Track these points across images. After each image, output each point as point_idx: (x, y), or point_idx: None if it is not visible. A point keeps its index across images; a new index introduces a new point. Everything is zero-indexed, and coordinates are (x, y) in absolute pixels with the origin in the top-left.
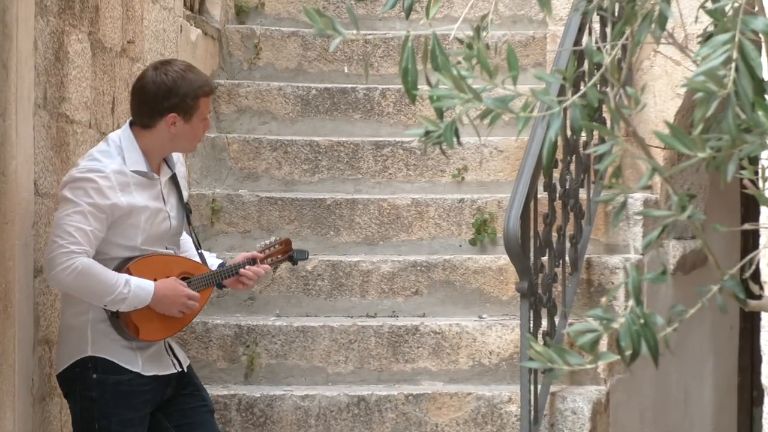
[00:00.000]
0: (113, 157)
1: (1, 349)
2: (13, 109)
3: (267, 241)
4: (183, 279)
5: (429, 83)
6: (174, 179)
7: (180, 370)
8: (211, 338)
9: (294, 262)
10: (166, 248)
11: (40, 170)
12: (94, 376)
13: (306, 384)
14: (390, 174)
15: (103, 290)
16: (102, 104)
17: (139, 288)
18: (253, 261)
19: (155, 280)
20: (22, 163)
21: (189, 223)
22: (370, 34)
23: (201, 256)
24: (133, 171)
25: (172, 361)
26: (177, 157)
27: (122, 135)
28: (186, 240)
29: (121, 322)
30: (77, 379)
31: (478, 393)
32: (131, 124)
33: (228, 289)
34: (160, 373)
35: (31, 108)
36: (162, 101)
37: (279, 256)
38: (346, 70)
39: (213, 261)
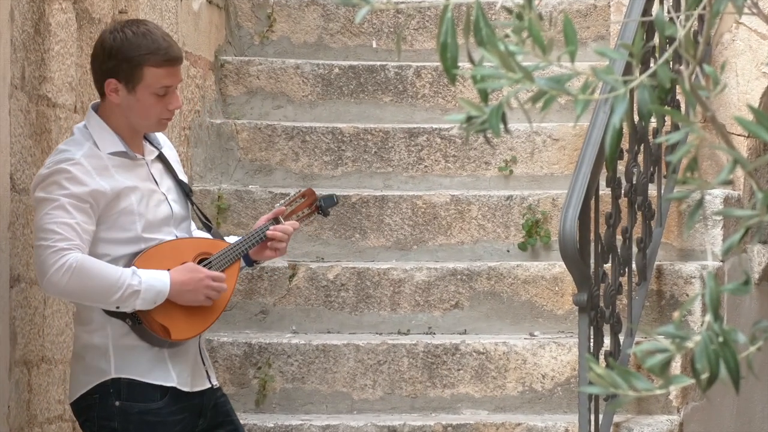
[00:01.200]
0: (80, 143)
1: None
2: None
3: (287, 198)
4: (201, 262)
5: (471, 60)
6: (162, 158)
7: (212, 385)
8: (217, 358)
9: (325, 214)
10: (176, 236)
11: (17, 162)
12: (117, 403)
13: (327, 412)
14: (425, 167)
15: (108, 287)
16: (89, 85)
17: (152, 278)
18: (276, 221)
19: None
20: None
21: (192, 203)
22: (402, 3)
23: (216, 234)
24: (109, 153)
25: (206, 372)
26: (163, 139)
27: (87, 119)
28: (199, 233)
29: (146, 327)
30: (96, 406)
31: (528, 424)
32: (96, 106)
33: (258, 263)
34: (195, 389)
35: (6, 89)
36: (101, 64)
37: (305, 209)
38: (374, 45)
39: (233, 239)
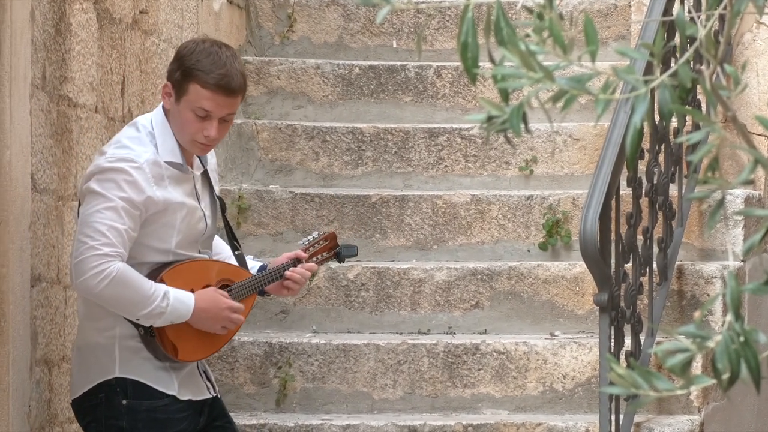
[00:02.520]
0: (145, 144)
1: None
2: (7, 91)
3: (309, 237)
4: (223, 287)
5: (492, 60)
6: (206, 174)
7: (214, 395)
8: (238, 358)
9: (341, 260)
10: (200, 251)
11: (38, 162)
12: (124, 401)
13: (347, 412)
14: (446, 166)
15: (138, 302)
16: (110, 85)
17: (178, 302)
18: (297, 262)
19: (192, 290)
20: (16, 153)
21: (225, 220)
22: (422, 3)
23: (240, 257)
24: (167, 162)
25: (206, 384)
26: None
27: (154, 119)
28: (217, 241)
29: (157, 341)
30: (102, 405)
31: (549, 424)
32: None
33: (270, 296)
34: (195, 398)
35: (27, 89)
36: (170, 64)
37: (324, 253)
38: (394, 45)
39: (251, 263)
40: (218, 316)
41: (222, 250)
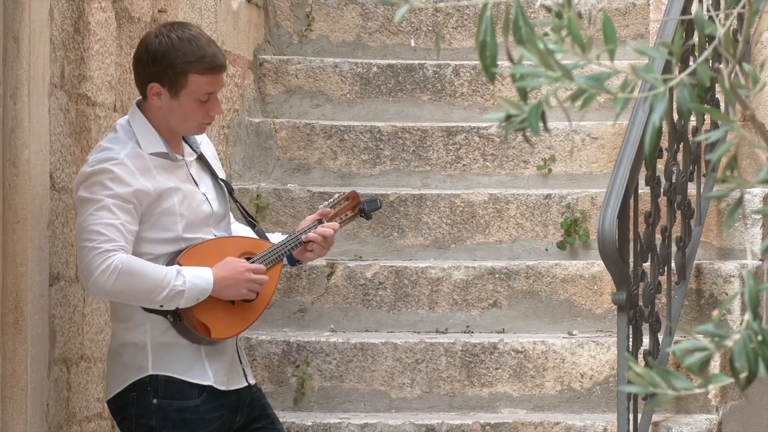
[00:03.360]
0: (124, 142)
1: (11, 370)
2: (26, 90)
3: (330, 200)
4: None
5: (510, 59)
6: (202, 159)
7: (249, 384)
8: (255, 357)
9: (368, 217)
10: (215, 235)
11: (57, 161)
12: (154, 401)
13: (365, 411)
14: (464, 165)
15: (153, 287)
16: (129, 83)
17: (195, 277)
18: (320, 222)
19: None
20: (35, 152)
21: (235, 201)
22: (441, 1)
23: (260, 233)
24: (151, 154)
25: (243, 371)
26: (200, 137)
27: (131, 117)
28: (238, 227)
29: (187, 324)
30: (133, 404)
31: (567, 423)
32: (140, 102)
33: (300, 263)
34: (231, 387)
35: (46, 88)
36: (144, 67)
37: (348, 212)
38: (412, 44)
39: (277, 238)
40: (240, 280)
41: (243, 232)
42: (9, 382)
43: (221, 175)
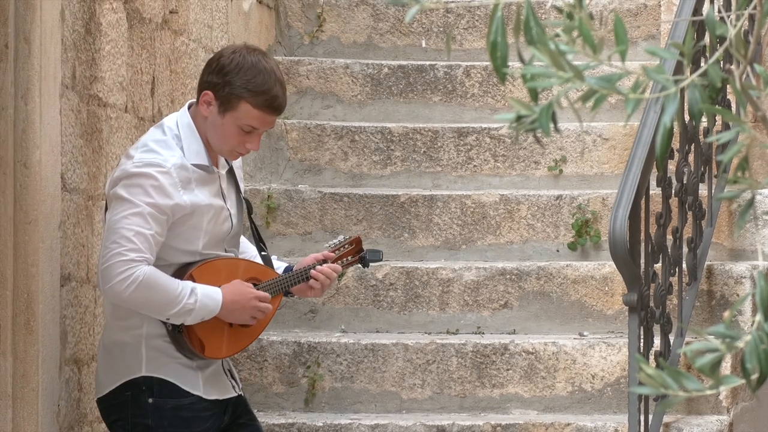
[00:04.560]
0: (172, 148)
1: (22, 370)
2: (37, 90)
3: (335, 241)
4: None
5: (521, 59)
6: (231, 172)
7: (239, 393)
8: (267, 358)
9: (366, 265)
10: (226, 251)
11: (68, 161)
12: (150, 400)
13: (376, 411)
14: (475, 166)
15: (166, 303)
16: (140, 84)
17: (206, 297)
18: (323, 263)
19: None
20: (47, 152)
21: (251, 221)
22: (452, 2)
23: (266, 258)
24: (194, 165)
25: (231, 383)
26: None
27: (180, 120)
28: (243, 240)
29: (184, 337)
30: (129, 404)
31: (578, 424)
32: (191, 105)
33: (295, 297)
34: (221, 397)
35: (57, 89)
36: (208, 74)
37: (349, 257)
38: (423, 45)
39: (277, 264)
40: (246, 306)
41: (247, 248)
42: (20, 382)
43: (243, 186)
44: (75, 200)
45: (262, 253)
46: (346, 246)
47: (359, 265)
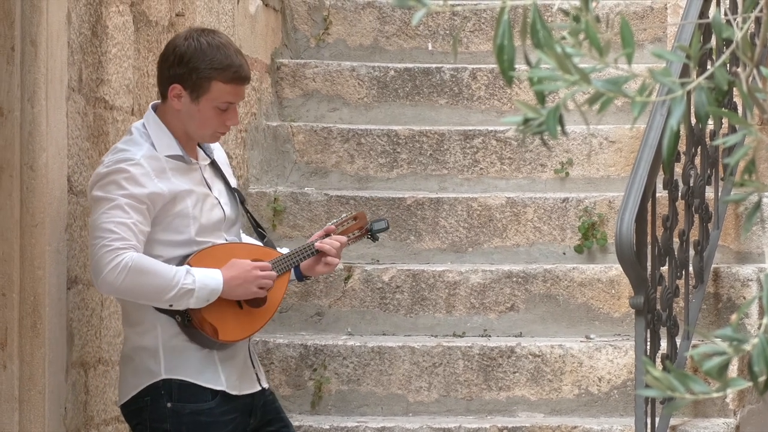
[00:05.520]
0: (140, 144)
1: (29, 373)
2: (43, 93)
3: (338, 218)
4: None
5: (528, 62)
6: (214, 165)
7: (262, 387)
8: (273, 360)
9: (374, 238)
10: (226, 240)
11: (75, 164)
12: (169, 404)
13: (382, 414)
14: (481, 169)
15: (162, 286)
16: (146, 87)
17: (205, 277)
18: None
19: None
20: (53, 155)
21: (246, 211)
22: (458, 5)
23: (269, 243)
24: (166, 156)
25: (256, 375)
26: (213, 144)
27: (146, 119)
28: (247, 239)
29: (195, 326)
30: (147, 409)
31: (584, 426)
32: (156, 106)
33: (310, 279)
34: (245, 392)
35: (63, 92)
36: (168, 68)
37: (355, 231)
38: (430, 47)
39: (282, 250)
40: (248, 278)
41: (254, 242)
42: (27, 385)
43: (232, 181)
44: (81, 203)
45: (264, 240)
46: (350, 221)
47: (368, 238)
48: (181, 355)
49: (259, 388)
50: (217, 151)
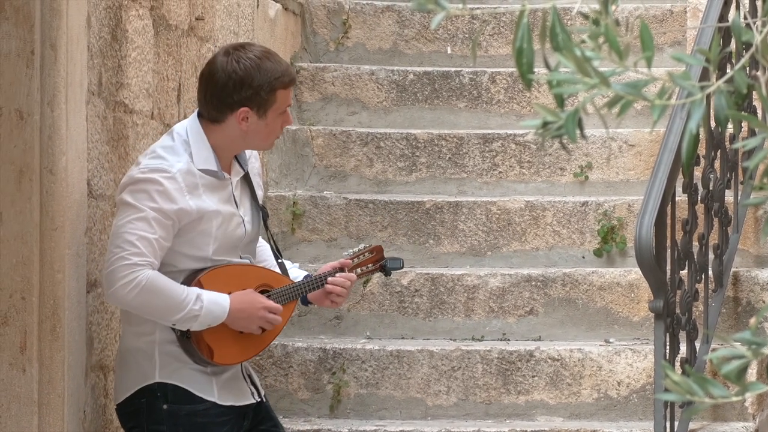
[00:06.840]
0: (179, 154)
1: (48, 376)
2: (63, 97)
3: (355, 249)
4: (262, 292)
5: (547, 66)
6: (246, 178)
7: (259, 400)
8: (292, 364)
9: (387, 273)
10: (241, 257)
11: (94, 168)
12: (165, 406)
13: (401, 418)
14: (500, 173)
15: (171, 307)
16: (166, 91)
17: (212, 303)
18: (340, 271)
19: (230, 293)
20: (73, 159)
21: (267, 229)
22: (477, 8)
23: (281, 266)
24: (201, 170)
25: (250, 389)
26: (250, 152)
27: (189, 127)
28: (263, 248)
29: (192, 343)
30: (143, 410)
31: (603, 431)
32: (200, 115)
33: (313, 306)
34: (238, 404)
35: (83, 95)
36: (232, 93)
37: (369, 265)
38: (449, 51)
39: (296, 273)
40: (254, 316)
41: (268, 257)
42: (46, 388)
43: (260, 192)
44: (101, 207)
45: (278, 260)
46: (366, 254)
47: (380, 273)
48: (175, 362)
49: (254, 401)
50: (254, 159)
